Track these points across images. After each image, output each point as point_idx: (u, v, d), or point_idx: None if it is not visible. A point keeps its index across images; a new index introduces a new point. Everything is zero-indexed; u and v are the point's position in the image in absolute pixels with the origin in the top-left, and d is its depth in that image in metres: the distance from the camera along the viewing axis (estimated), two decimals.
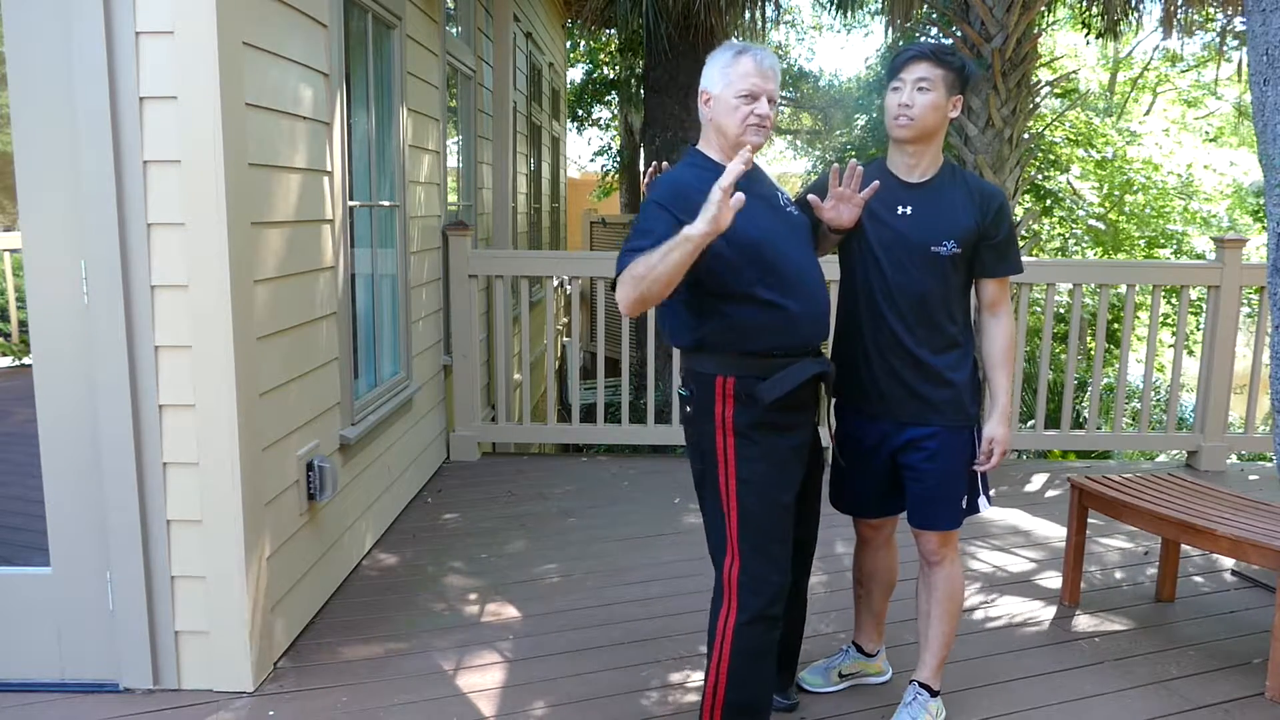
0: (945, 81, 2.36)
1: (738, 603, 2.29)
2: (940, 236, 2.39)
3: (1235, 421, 8.21)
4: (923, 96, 2.35)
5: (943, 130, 2.44)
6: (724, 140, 2.32)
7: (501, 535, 4.11)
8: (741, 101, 2.27)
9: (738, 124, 2.28)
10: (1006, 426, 2.49)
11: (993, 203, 2.42)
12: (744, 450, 2.28)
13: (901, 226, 2.42)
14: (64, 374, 2.58)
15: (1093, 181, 12.67)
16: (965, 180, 2.46)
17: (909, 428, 2.48)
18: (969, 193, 2.43)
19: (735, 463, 2.29)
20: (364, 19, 3.83)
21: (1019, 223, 6.87)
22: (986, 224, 2.41)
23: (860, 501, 2.66)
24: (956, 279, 2.44)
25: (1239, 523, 3.00)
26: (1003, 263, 2.47)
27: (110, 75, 2.43)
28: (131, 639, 2.68)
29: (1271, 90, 2.59)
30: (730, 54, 2.30)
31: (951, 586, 2.55)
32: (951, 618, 2.56)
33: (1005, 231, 2.45)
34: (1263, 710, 2.76)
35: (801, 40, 20.83)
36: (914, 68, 2.36)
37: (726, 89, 2.28)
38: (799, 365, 2.27)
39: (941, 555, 2.54)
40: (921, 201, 2.42)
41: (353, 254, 3.68)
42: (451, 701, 2.75)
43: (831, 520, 4.33)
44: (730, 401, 2.28)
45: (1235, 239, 5.10)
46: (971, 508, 2.55)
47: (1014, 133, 6.48)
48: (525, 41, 7.57)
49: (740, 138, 2.29)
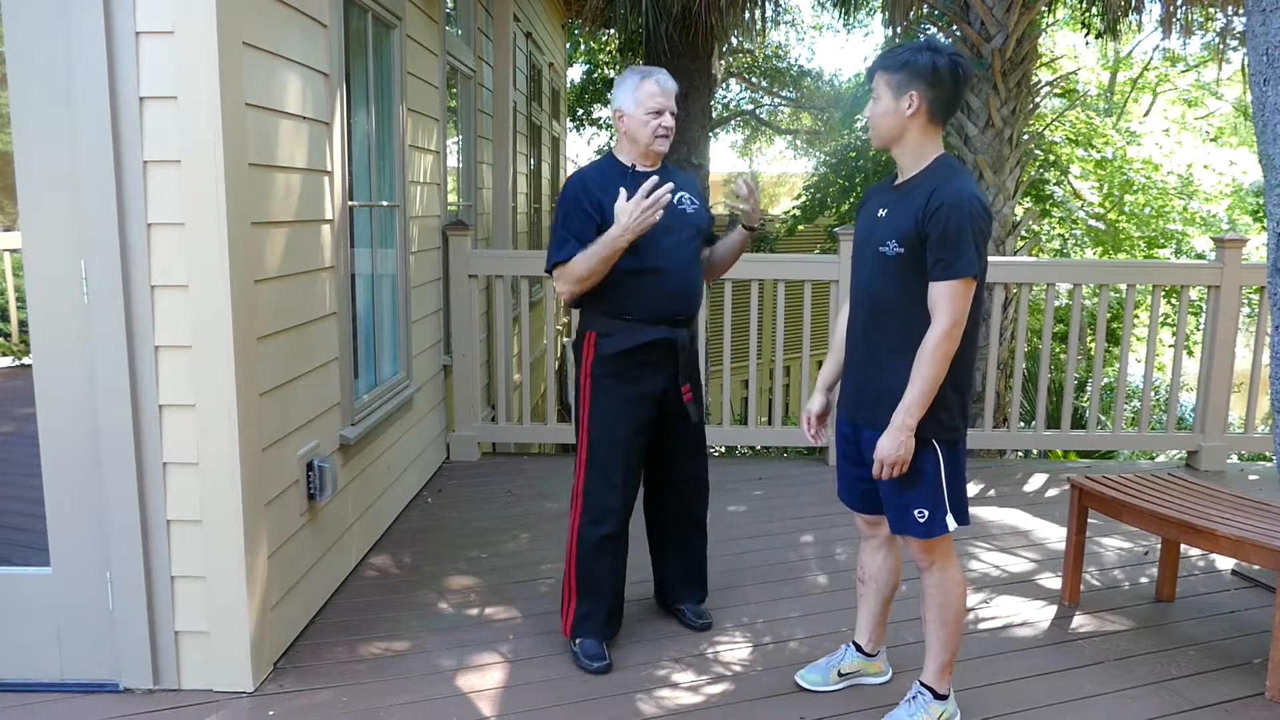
0: (890, 85, 2.37)
1: (581, 509, 2.94)
2: (888, 236, 2.38)
3: (1235, 421, 8.22)
4: (875, 106, 2.44)
5: (909, 131, 2.38)
6: (636, 147, 2.90)
7: (501, 535, 4.11)
8: (651, 116, 2.84)
9: (649, 135, 2.86)
10: (893, 438, 2.33)
11: (935, 201, 2.30)
12: (596, 392, 2.92)
13: (873, 228, 2.45)
14: (64, 374, 2.58)
15: (1093, 181, 12.67)
16: (934, 177, 2.37)
17: (864, 429, 2.50)
18: (925, 191, 2.34)
19: (590, 401, 2.93)
20: (364, 19, 3.83)
21: (1019, 223, 6.86)
22: (924, 223, 2.30)
23: (852, 496, 2.69)
24: (909, 281, 2.35)
25: (1239, 523, 3.00)
26: (940, 264, 2.29)
27: (110, 75, 2.43)
28: (131, 639, 2.68)
29: (1271, 90, 2.59)
30: (637, 78, 2.87)
31: (944, 594, 2.51)
32: (947, 624, 2.53)
33: (942, 231, 2.28)
34: (1263, 710, 2.76)
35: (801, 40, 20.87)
36: (872, 80, 2.46)
37: (637, 107, 2.85)
38: (642, 330, 2.86)
39: (927, 561, 2.51)
40: (895, 204, 2.43)
41: (353, 254, 3.67)
42: (451, 701, 2.75)
43: (831, 521, 4.35)
44: (592, 352, 2.92)
45: (1235, 239, 5.10)
46: (937, 525, 2.41)
47: (1014, 133, 6.49)
48: (525, 41, 7.57)
49: (650, 146, 2.87)
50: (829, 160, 15.45)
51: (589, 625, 2.97)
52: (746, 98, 19.47)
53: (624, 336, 2.87)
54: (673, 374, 2.96)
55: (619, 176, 2.88)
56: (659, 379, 2.94)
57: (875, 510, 2.65)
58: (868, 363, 2.47)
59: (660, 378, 2.94)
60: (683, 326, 2.95)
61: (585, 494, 2.94)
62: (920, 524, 2.43)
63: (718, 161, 20.09)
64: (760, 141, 22.68)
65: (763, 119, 20.35)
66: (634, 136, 2.88)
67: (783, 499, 4.69)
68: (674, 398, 2.98)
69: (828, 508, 4.48)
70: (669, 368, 2.94)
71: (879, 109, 2.42)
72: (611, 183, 2.84)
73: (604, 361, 2.89)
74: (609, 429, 2.91)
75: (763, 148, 23.32)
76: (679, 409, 3.00)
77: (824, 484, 4.86)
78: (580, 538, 2.94)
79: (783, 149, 23.65)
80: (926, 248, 2.32)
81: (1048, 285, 5.40)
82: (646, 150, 2.89)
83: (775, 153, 24.30)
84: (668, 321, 2.90)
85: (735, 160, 23.70)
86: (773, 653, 3.08)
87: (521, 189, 7.66)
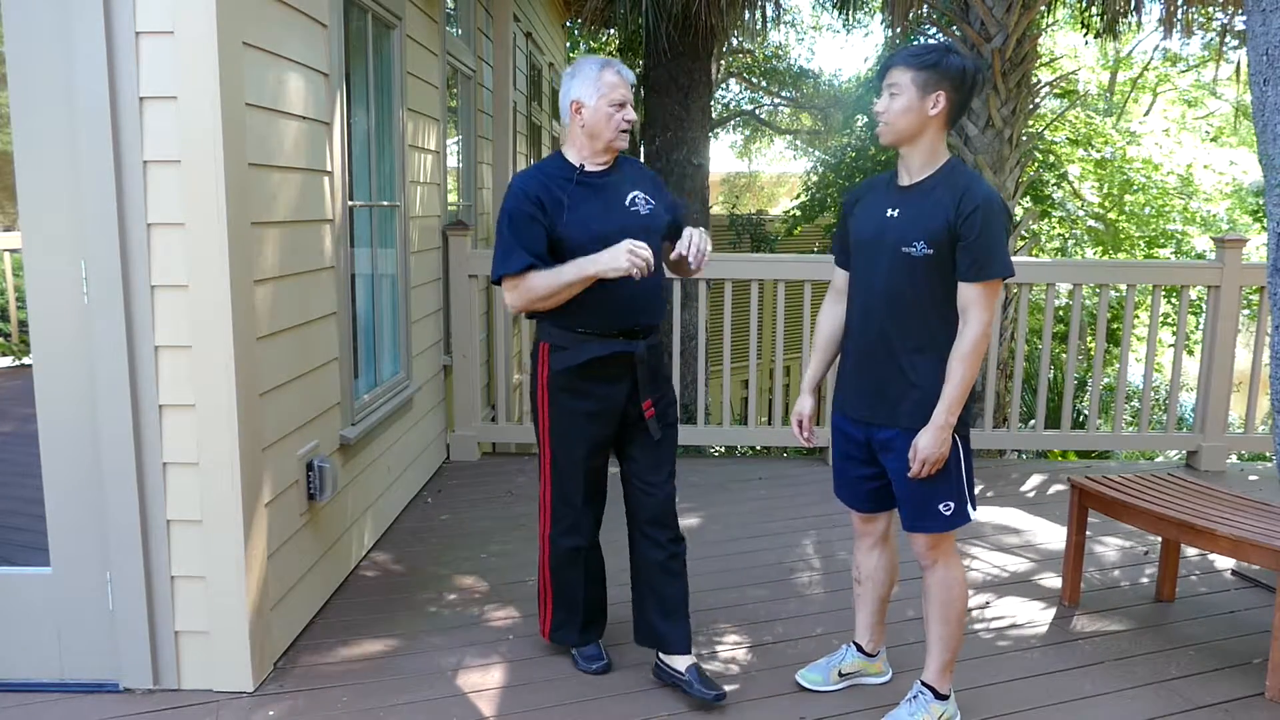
0: (917, 82, 2.36)
1: (550, 520, 2.85)
2: (912, 237, 2.39)
3: (1235, 421, 8.22)
4: (894, 102, 2.40)
5: (928, 131, 2.40)
6: (593, 144, 2.65)
7: (501, 535, 4.11)
8: (614, 109, 2.60)
9: (612, 130, 2.62)
10: (935, 436, 2.37)
11: (969, 203, 2.34)
12: (553, 407, 2.74)
13: (885, 228, 2.45)
14: (64, 374, 2.58)
15: (1092, 181, 12.68)
16: (958, 181, 2.40)
17: (879, 428, 2.50)
18: (953, 193, 2.37)
19: (548, 416, 2.76)
20: (364, 19, 3.83)
21: (1019, 223, 6.86)
22: (959, 224, 2.34)
23: (855, 494, 2.69)
24: (933, 282, 2.39)
25: (1239, 523, 3.00)
26: (975, 266, 2.35)
27: (110, 75, 2.43)
28: (131, 639, 2.68)
29: (1271, 90, 2.59)
30: (596, 67, 2.62)
31: (948, 592, 2.53)
32: (949, 622, 2.54)
33: (978, 234, 2.33)
34: (1263, 710, 2.76)
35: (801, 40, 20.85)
36: (888, 75, 2.42)
37: (600, 99, 2.59)
38: (597, 344, 2.65)
39: (931, 559, 2.52)
40: (908, 204, 2.44)
41: (353, 254, 3.67)
42: (451, 701, 2.75)
43: (832, 521, 4.35)
44: (546, 365, 2.72)
45: (1235, 239, 5.10)
46: (960, 515, 2.47)
47: (1014, 133, 6.48)
48: (525, 41, 7.57)
49: (612, 141, 2.64)
50: (829, 160, 15.46)
51: (566, 633, 2.94)
52: (746, 98, 19.47)
53: (577, 351, 2.65)
54: (631, 389, 2.72)
55: (565, 179, 2.63)
56: (617, 394, 2.71)
57: (875, 509, 2.66)
58: (886, 362, 2.47)
59: (619, 393, 2.71)
60: (641, 338, 2.70)
61: (551, 507, 2.84)
62: (946, 517, 2.46)
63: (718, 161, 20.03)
64: (760, 141, 22.67)
65: (762, 119, 20.35)
66: (594, 132, 2.62)
67: (783, 499, 4.69)
68: (634, 412, 2.74)
69: (828, 508, 4.48)
70: (626, 382, 2.71)
71: (899, 105, 2.38)
72: (558, 185, 2.62)
73: (558, 376, 2.70)
74: (568, 447, 2.76)
75: (762, 148, 23.31)
76: (639, 424, 2.76)
77: (824, 484, 4.86)
78: (551, 547, 2.86)
79: (782, 149, 23.64)
80: (958, 249, 2.36)
81: (1048, 285, 5.40)
82: (607, 146, 2.64)
83: (775, 153, 24.29)
84: (625, 334, 2.67)
85: (735, 160, 23.70)
86: (773, 653, 3.08)
87: None
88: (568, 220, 2.59)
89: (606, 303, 2.61)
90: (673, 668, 2.78)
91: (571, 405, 2.71)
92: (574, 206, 2.60)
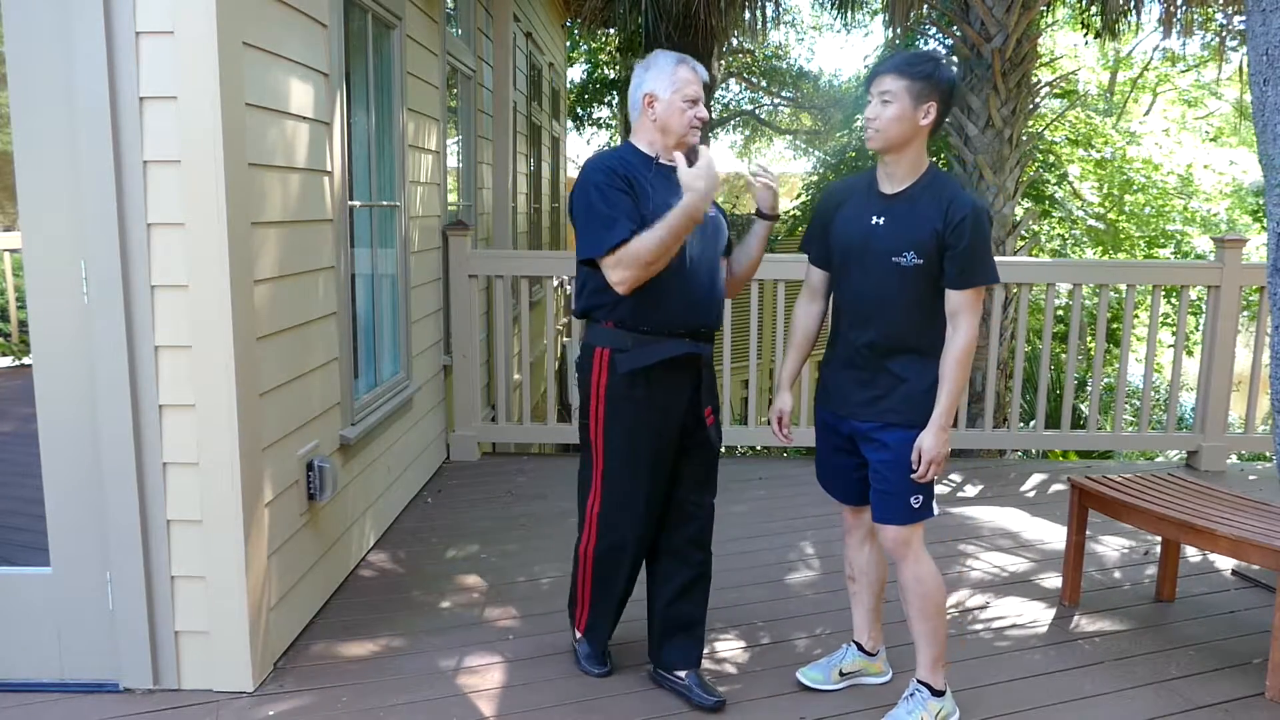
0: (910, 91, 2.38)
1: (597, 533, 2.71)
2: (902, 248, 2.42)
3: (1235, 421, 8.21)
4: (886, 109, 2.41)
5: (916, 140, 2.43)
6: (667, 138, 2.59)
7: (501, 535, 4.11)
8: (687, 105, 2.56)
9: (684, 125, 2.57)
10: (937, 437, 2.43)
11: (956, 212, 2.37)
12: (612, 416, 2.60)
13: (871, 236, 2.47)
14: (64, 374, 2.58)
15: (1092, 181, 12.68)
16: (942, 189, 2.43)
17: (864, 423, 2.55)
18: (939, 202, 2.41)
19: (605, 426, 2.61)
20: (364, 19, 3.83)
21: (1019, 223, 6.86)
22: (947, 234, 2.38)
23: (845, 488, 2.73)
24: (921, 289, 2.44)
25: (1239, 523, 3.00)
26: (963, 275, 2.40)
27: (110, 75, 2.42)
28: (131, 639, 2.68)
29: (1271, 90, 2.59)
30: (672, 62, 2.58)
31: (921, 586, 2.55)
32: (929, 617, 2.56)
33: (967, 242, 2.37)
34: (1263, 710, 2.76)
35: (801, 40, 20.86)
36: (879, 81, 2.43)
37: (674, 94, 2.55)
38: (664, 344, 2.55)
39: (901, 553, 2.55)
40: (893, 212, 2.46)
41: (353, 254, 3.67)
42: (451, 701, 2.75)
43: (832, 521, 4.35)
44: (605, 371, 2.58)
45: (1235, 239, 5.10)
46: (926, 509, 2.52)
47: (1014, 133, 6.49)
48: (525, 41, 7.57)
49: (684, 137, 2.58)
50: (829, 160, 15.46)
51: (598, 634, 2.89)
52: (746, 98, 19.48)
53: (643, 352, 2.54)
54: (695, 394, 2.65)
55: (644, 166, 2.57)
56: (679, 401, 2.62)
57: (864, 501, 2.69)
58: (875, 365, 2.52)
59: (681, 400, 2.63)
60: (706, 340, 2.64)
61: (602, 519, 2.69)
62: (914, 509, 2.51)
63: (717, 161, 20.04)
64: (760, 141, 22.69)
65: (762, 119, 20.36)
66: (666, 125, 2.56)
67: (783, 499, 4.69)
68: (693, 421, 2.66)
69: (828, 507, 4.47)
70: (692, 386, 2.64)
71: (892, 113, 2.40)
72: (638, 172, 2.54)
73: (620, 381, 2.55)
74: (630, 458, 2.61)
75: (762, 148, 23.33)
76: (698, 433, 2.68)
77: None
78: (597, 558, 2.74)
79: (782, 149, 23.67)
80: (945, 258, 2.40)
81: (1048, 285, 5.40)
82: (679, 141, 2.57)
83: (775, 153, 24.31)
84: (690, 334, 2.59)
85: (735, 160, 23.70)
86: (773, 653, 3.08)
87: (521, 189, 7.66)
88: (651, 207, 2.48)
89: (675, 299, 2.54)
90: (673, 673, 2.78)
91: (636, 413, 2.58)
92: (655, 194, 2.52)
